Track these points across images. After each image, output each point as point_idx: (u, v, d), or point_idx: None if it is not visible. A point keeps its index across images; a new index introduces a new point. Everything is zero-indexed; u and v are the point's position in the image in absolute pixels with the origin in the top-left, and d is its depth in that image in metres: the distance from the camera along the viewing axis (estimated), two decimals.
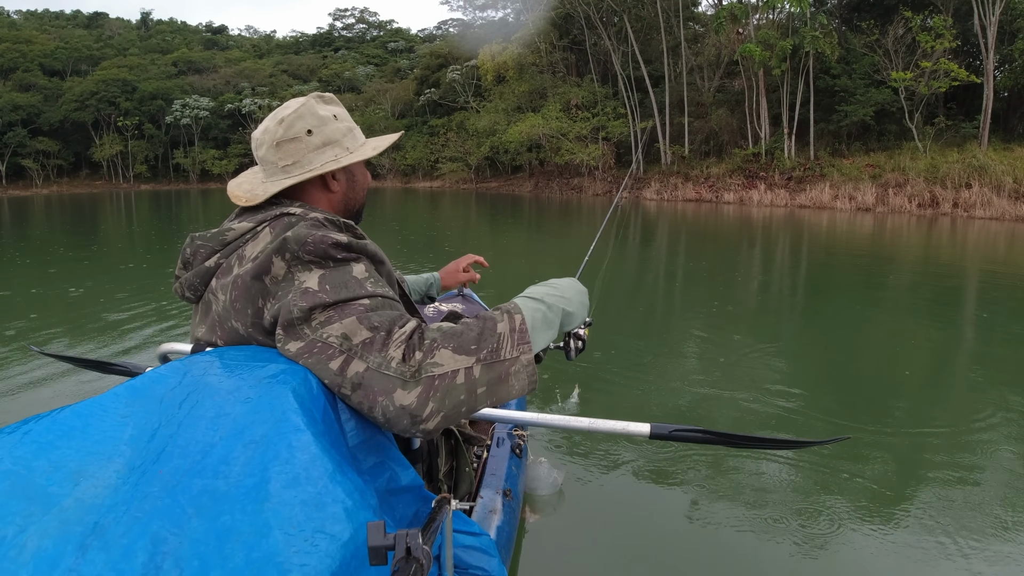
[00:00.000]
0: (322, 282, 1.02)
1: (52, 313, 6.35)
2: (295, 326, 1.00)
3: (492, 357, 1.00)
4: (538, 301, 1.14)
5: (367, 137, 1.37)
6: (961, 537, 2.46)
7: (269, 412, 0.86)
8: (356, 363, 0.97)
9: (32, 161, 53.57)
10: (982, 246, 13.37)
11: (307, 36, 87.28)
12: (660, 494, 2.84)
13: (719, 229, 17.01)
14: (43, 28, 71.50)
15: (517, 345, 1.02)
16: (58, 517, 0.70)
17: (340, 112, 1.31)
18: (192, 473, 0.77)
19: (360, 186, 1.36)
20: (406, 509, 1.03)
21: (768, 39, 24.88)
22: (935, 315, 6.76)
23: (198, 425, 0.84)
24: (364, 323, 0.99)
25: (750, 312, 6.86)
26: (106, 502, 0.73)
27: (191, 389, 0.91)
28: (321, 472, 0.81)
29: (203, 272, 1.18)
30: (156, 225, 19.74)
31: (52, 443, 0.80)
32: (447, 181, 42.75)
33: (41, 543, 0.67)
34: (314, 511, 0.76)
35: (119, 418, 0.85)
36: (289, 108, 1.24)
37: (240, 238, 1.16)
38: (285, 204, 1.21)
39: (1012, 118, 24.13)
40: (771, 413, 3.79)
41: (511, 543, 1.89)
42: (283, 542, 0.72)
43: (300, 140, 1.22)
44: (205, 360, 1.00)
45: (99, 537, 0.69)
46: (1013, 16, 22.34)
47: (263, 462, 0.79)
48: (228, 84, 62.21)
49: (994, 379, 4.50)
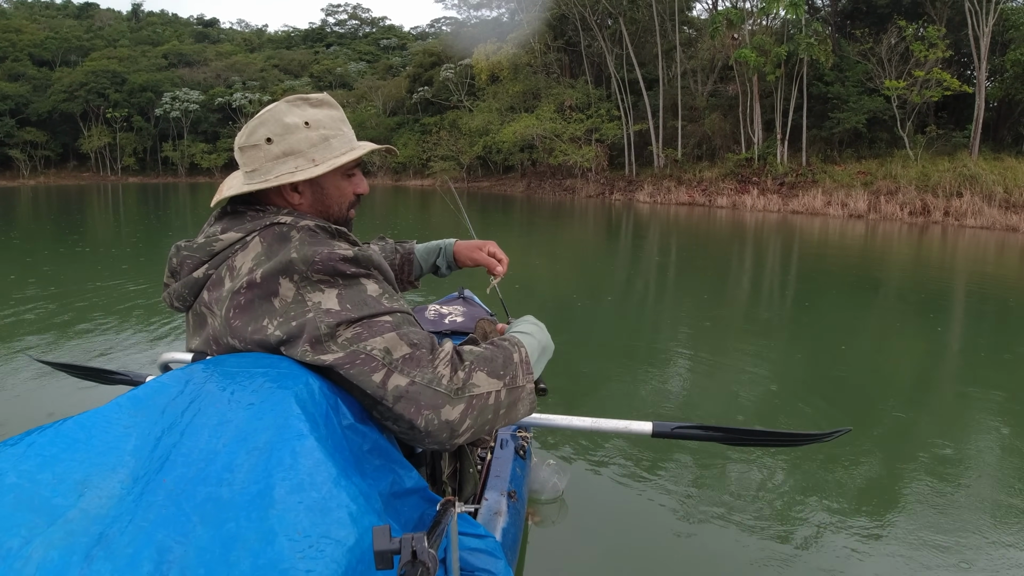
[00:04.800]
0: (341, 301, 1.04)
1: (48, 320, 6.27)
2: (323, 342, 1.01)
3: (512, 383, 1.10)
4: (530, 337, 1.24)
5: (358, 136, 1.32)
6: (954, 536, 2.51)
7: (272, 418, 0.86)
8: (397, 376, 1.00)
9: (19, 152, 53.11)
10: (972, 254, 13.50)
11: (299, 31, 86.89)
12: (664, 495, 2.85)
13: (712, 233, 17.09)
14: (33, 17, 70.87)
15: (526, 374, 1.13)
16: (63, 528, 0.70)
17: (319, 117, 1.21)
18: (196, 481, 0.77)
19: (333, 200, 1.25)
20: (411, 512, 1.02)
21: (763, 45, 25.00)
22: (925, 320, 6.81)
23: (201, 433, 0.84)
24: (404, 339, 1.03)
25: (745, 315, 6.89)
26: (111, 512, 0.73)
27: (193, 397, 0.90)
28: (325, 477, 0.81)
29: (191, 283, 1.16)
30: (146, 223, 19.58)
31: (56, 455, 0.80)
32: (438, 180, 42.69)
33: (47, 554, 0.67)
34: (319, 516, 0.76)
35: (122, 428, 0.85)
36: (260, 113, 1.21)
37: (228, 248, 1.14)
38: (272, 212, 1.18)
39: (1002, 129, 24.36)
40: (768, 416, 3.81)
41: (516, 544, 1.89)
42: (288, 548, 0.71)
43: (259, 148, 1.17)
44: (206, 368, 0.99)
45: (104, 547, 0.68)
46: (1005, 27, 22.55)
47: (267, 468, 0.79)
48: (218, 78, 61.89)
49: (982, 383, 4.55)
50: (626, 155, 31.93)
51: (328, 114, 1.23)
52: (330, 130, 1.21)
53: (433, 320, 2.48)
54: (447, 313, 2.52)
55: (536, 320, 1.35)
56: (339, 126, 1.24)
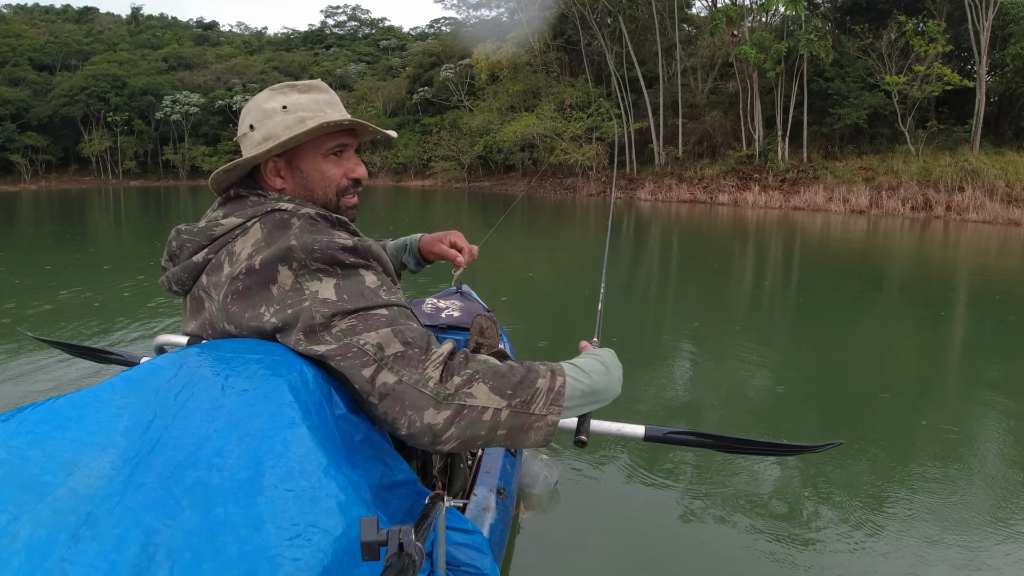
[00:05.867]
0: (339, 291, 1.03)
1: (46, 303, 6.28)
2: (317, 332, 1.00)
3: (522, 407, 1.01)
4: (585, 373, 1.13)
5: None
6: (950, 538, 2.48)
7: (264, 405, 0.86)
8: (386, 374, 0.98)
9: (20, 156, 53.08)
10: (974, 249, 13.46)
11: (299, 33, 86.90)
12: (653, 493, 2.84)
13: (714, 230, 17.06)
14: (32, 22, 70.99)
15: (549, 405, 1.03)
16: (51, 506, 0.70)
17: (301, 101, 1.19)
18: (186, 465, 0.77)
19: (315, 183, 1.22)
20: (400, 505, 1.02)
21: (763, 41, 24.97)
22: (928, 316, 6.80)
23: (193, 417, 0.83)
24: (398, 336, 1.01)
25: (744, 315, 6.88)
26: (100, 492, 0.72)
27: (187, 381, 0.90)
28: (315, 466, 0.81)
29: (191, 267, 1.16)
30: (145, 220, 19.60)
31: (47, 433, 0.80)
32: (439, 180, 42.68)
33: (34, 532, 0.67)
34: (307, 505, 0.76)
35: (115, 409, 0.85)
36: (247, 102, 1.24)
37: (228, 233, 1.14)
38: (274, 199, 1.18)
39: (1003, 123, 24.30)
40: (763, 417, 3.80)
41: (504, 541, 1.88)
42: (276, 535, 0.72)
43: (247, 136, 1.21)
44: (201, 352, 0.99)
45: (92, 527, 0.68)
46: (1005, 22, 22.49)
47: (257, 455, 0.79)
48: (219, 80, 61.88)
49: (983, 382, 4.54)
50: (627, 153, 31.89)
51: (312, 98, 1.21)
52: (308, 111, 1.19)
53: (430, 314, 2.48)
54: (444, 308, 2.52)
55: (611, 359, 1.23)
56: (322, 108, 1.21)
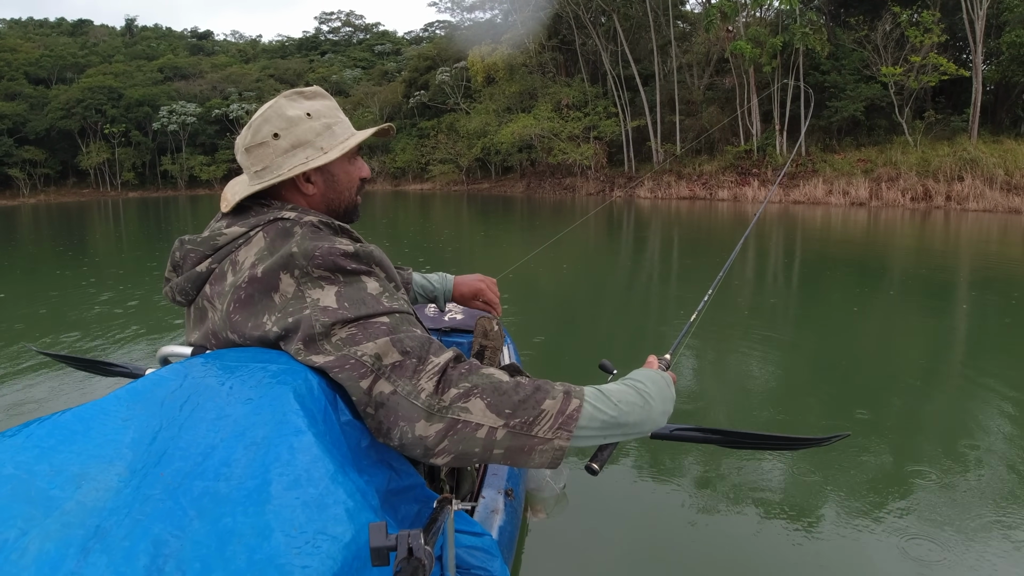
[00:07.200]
0: (340, 299, 1.02)
1: (51, 317, 6.29)
2: (316, 341, 1.00)
3: (522, 429, 0.97)
4: (611, 403, 1.05)
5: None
6: (958, 534, 2.47)
7: (270, 413, 0.86)
8: (382, 383, 0.97)
9: (19, 170, 53.23)
10: (975, 238, 13.44)
11: (293, 40, 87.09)
12: (661, 491, 2.83)
13: (714, 226, 17.05)
14: (27, 36, 71.12)
15: (556, 429, 0.98)
16: (60, 520, 0.70)
17: (318, 108, 1.23)
18: (193, 475, 0.77)
19: (343, 185, 1.28)
20: (408, 509, 1.02)
21: (758, 36, 24.98)
22: (930, 307, 6.79)
23: (199, 427, 0.84)
24: (397, 346, 0.99)
25: (747, 310, 6.87)
26: (108, 505, 0.72)
27: (192, 391, 0.90)
28: (322, 473, 0.81)
29: (194, 277, 1.16)
30: (146, 232, 19.61)
31: (54, 447, 0.80)
32: (438, 183, 42.74)
33: (43, 546, 0.67)
34: (316, 512, 0.76)
35: (120, 421, 0.85)
36: (260, 111, 1.22)
37: (232, 243, 1.14)
38: (277, 207, 1.18)
39: (1000, 111, 24.30)
40: (769, 412, 3.79)
41: (513, 543, 1.88)
42: (285, 544, 0.72)
43: (267, 145, 1.18)
44: (206, 362, 0.99)
45: (101, 540, 0.68)
46: (1000, 10, 22.49)
47: (264, 464, 0.79)
48: (215, 90, 62.01)
49: (989, 371, 4.52)
50: (625, 151, 31.91)
51: (324, 104, 1.25)
52: (330, 118, 1.24)
53: (433, 318, 2.48)
54: (447, 311, 2.51)
55: (657, 390, 1.14)
56: (336, 114, 1.26)
